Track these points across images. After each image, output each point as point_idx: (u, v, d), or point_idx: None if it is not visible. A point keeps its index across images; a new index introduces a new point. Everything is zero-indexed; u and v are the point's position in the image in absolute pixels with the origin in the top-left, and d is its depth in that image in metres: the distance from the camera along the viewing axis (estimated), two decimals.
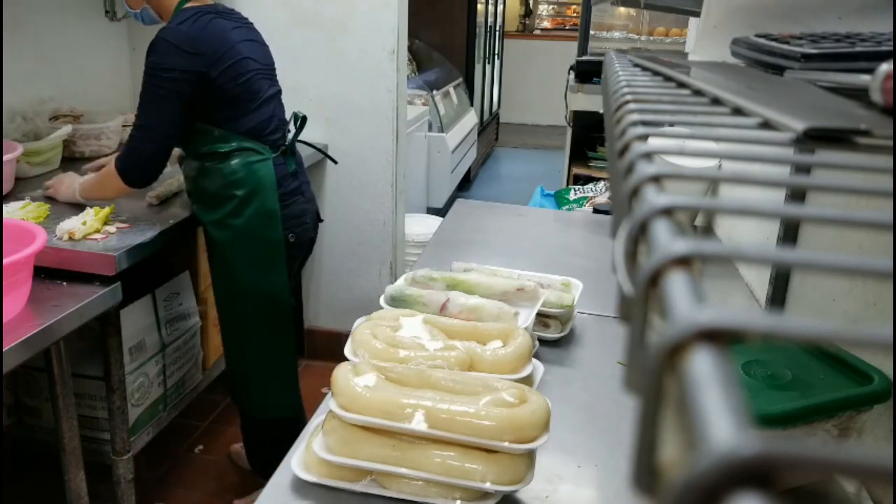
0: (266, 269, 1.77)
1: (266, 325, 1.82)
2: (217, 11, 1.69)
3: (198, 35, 1.60)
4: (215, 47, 1.62)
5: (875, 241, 0.95)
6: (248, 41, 1.72)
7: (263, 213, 1.72)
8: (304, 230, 1.84)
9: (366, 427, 0.85)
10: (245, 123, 1.70)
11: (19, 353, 1.26)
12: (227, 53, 1.64)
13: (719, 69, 0.67)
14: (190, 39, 1.58)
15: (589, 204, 2.73)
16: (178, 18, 1.61)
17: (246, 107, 1.69)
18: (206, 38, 1.61)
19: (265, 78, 1.76)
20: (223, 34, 1.65)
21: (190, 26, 1.60)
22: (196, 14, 1.62)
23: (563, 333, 1.28)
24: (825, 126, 0.31)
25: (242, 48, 1.68)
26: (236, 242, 1.73)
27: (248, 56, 1.70)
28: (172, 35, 1.59)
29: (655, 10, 3.82)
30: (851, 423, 0.85)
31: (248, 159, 1.70)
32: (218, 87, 1.63)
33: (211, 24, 1.63)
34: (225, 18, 1.69)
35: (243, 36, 1.71)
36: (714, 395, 0.15)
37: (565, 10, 8.80)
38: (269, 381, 1.86)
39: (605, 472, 0.96)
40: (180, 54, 1.57)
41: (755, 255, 0.21)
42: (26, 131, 2.08)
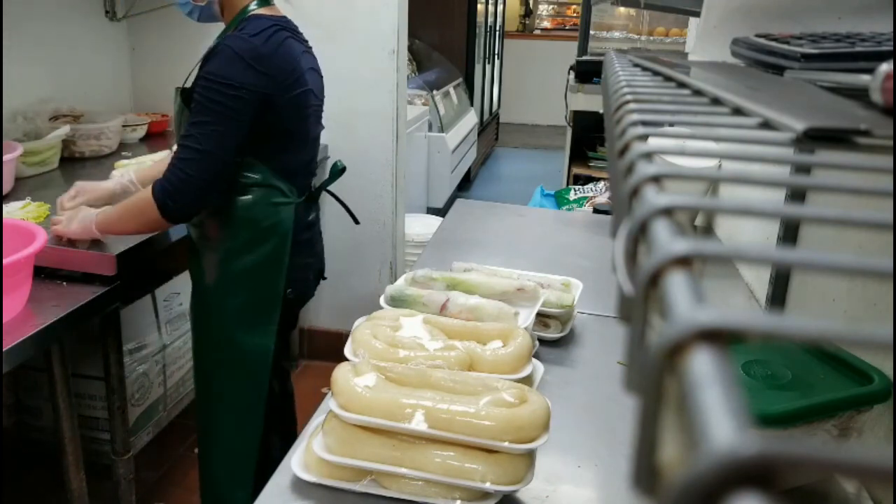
0: (253, 325, 1.52)
1: (233, 396, 1.56)
2: (290, 29, 1.49)
3: (270, 54, 1.38)
4: (286, 72, 1.42)
5: (875, 241, 0.95)
6: (312, 70, 1.54)
7: (270, 262, 1.50)
8: (305, 287, 1.63)
9: (366, 427, 0.85)
10: (283, 161, 1.49)
11: (19, 353, 1.26)
12: (297, 82, 1.45)
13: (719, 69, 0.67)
14: (261, 57, 1.36)
15: (589, 204, 2.73)
16: (250, 29, 1.39)
17: (291, 144, 1.50)
18: (278, 59, 1.40)
19: (317, 116, 1.58)
20: (295, 59, 1.45)
21: (263, 42, 1.38)
22: (271, 29, 1.41)
23: (563, 333, 1.28)
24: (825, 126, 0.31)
25: (308, 78, 1.49)
26: (228, 287, 1.51)
27: (312, 89, 1.52)
28: (242, 46, 1.35)
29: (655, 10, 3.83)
30: (851, 423, 0.85)
31: (271, 199, 1.48)
32: (275, 116, 1.42)
33: (285, 45, 1.42)
34: (295, 39, 1.50)
35: (309, 64, 1.53)
36: (714, 395, 0.15)
37: (565, 10, 8.81)
38: (223, 469, 1.61)
39: (605, 472, 0.96)
40: (248, 70, 1.35)
41: (755, 255, 0.21)
42: (27, 131, 2.08)
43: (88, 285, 1.49)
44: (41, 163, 2.03)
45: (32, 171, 2.00)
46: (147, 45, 2.70)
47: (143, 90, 2.75)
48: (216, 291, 1.52)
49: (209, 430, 1.60)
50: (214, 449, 1.61)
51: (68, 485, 1.53)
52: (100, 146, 2.25)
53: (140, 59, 2.72)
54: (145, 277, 1.66)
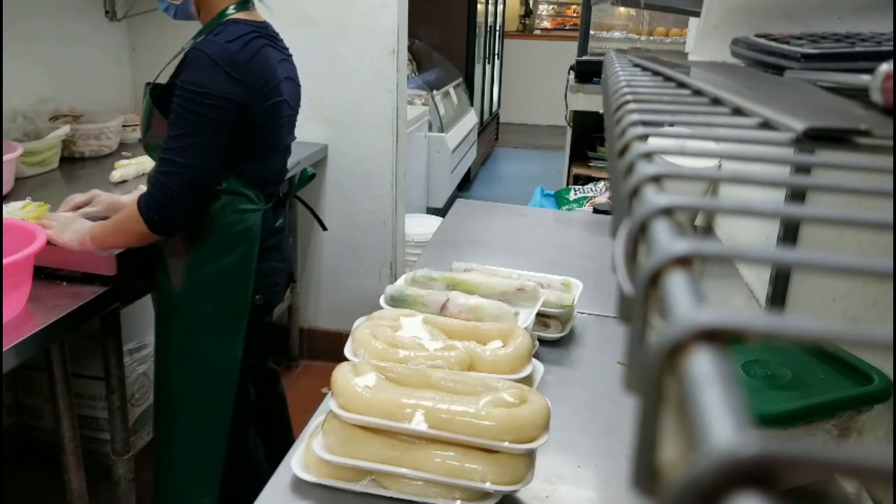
0: (220, 333, 1.50)
1: (197, 403, 1.53)
2: (268, 36, 1.47)
3: (246, 62, 1.36)
4: (262, 81, 1.40)
5: (875, 241, 0.95)
6: (288, 79, 1.52)
7: (237, 269, 1.48)
8: (273, 292, 1.59)
9: (366, 427, 0.85)
10: (255, 169, 1.48)
11: (19, 353, 1.26)
12: (272, 91, 1.43)
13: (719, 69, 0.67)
14: (236, 63, 1.34)
15: (589, 204, 2.73)
16: (226, 34, 1.36)
17: (260, 153, 1.48)
18: (254, 67, 1.38)
19: (290, 126, 1.57)
20: (271, 66, 1.43)
21: (240, 49, 1.35)
22: (248, 35, 1.39)
23: (563, 333, 1.28)
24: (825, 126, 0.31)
25: (284, 88, 1.47)
26: (196, 294, 1.49)
27: (287, 99, 1.50)
28: (216, 52, 1.33)
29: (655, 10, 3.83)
30: (851, 423, 0.85)
31: (238, 206, 1.47)
32: (249, 124, 1.40)
33: (262, 52, 1.40)
34: (273, 47, 1.47)
35: (286, 73, 1.51)
36: (714, 395, 0.15)
37: (565, 10, 8.81)
38: (186, 471, 1.58)
39: (605, 472, 0.96)
40: (225, 77, 1.33)
41: (755, 255, 0.21)
42: (27, 131, 2.08)
43: (88, 285, 1.48)
44: (41, 163, 2.03)
45: (32, 171, 2.00)
46: (147, 45, 2.70)
47: (142, 90, 2.75)
48: (183, 298, 1.50)
49: (172, 437, 1.57)
50: (178, 457, 1.57)
51: (68, 485, 1.52)
52: (100, 146, 2.25)
53: (140, 59, 2.72)
54: (145, 277, 1.65)
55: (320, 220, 1.99)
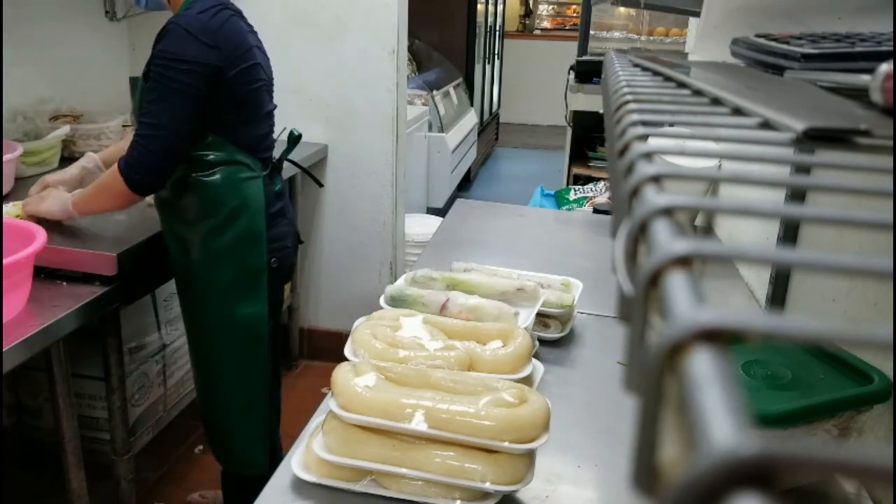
0: (244, 297, 1.59)
1: (238, 364, 1.62)
2: (234, 10, 1.56)
3: (217, 29, 1.45)
4: (234, 45, 1.49)
5: (875, 241, 0.95)
6: (259, 49, 1.61)
7: (248, 235, 1.56)
8: (285, 255, 1.68)
9: (366, 427, 0.85)
10: (244, 134, 1.56)
11: (19, 353, 1.26)
12: (244, 55, 1.51)
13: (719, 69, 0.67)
14: (208, 31, 1.44)
15: (589, 204, 2.73)
16: (196, 7, 1.47)
17: (249, 116, 1.56)
18: (225, 33, 1.47)
19: (268, 92, 1.65)
20: (241, 34, 1.53)
21: (210, 18, 1.45)
22: (215, 7, 1.49)
23: (563, 333, 1.28)
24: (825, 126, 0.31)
25: (256, 54, 1.57)
26: (213, 266, 1.56)
27: (261, 64, 1.59)
28: (190, 23, 1.43)
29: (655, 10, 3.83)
30: (851, 423, 0.85)
31: (238, 174, 1.55)
32: (229, 89, 1.49)
33: (230, 21, 1.50)
34: (241, 19, 1.58)
35: (255, 42, 1.60)
36: (714, 395, 0.15)
37: (565, 10, 8.81)
38: (238, 431, 1.67)
39: (605, 472, 0.96)
40: (198, 44, 1.42)
41: (755, 255, 0.21)
42: (27, 131, 2.08)
43: (88, 285, 1.49)
44: (41, 163, 2.03)
45: (32, 171, 2.00)
46: (147, 45, 2.67)
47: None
48: (201, 267, 1.56)
49: (216, 396, 1.66)
50: (226, 414, 1.67)
51: (68, 485, 1.52)
52: (100, 146, 2.25)
53: (140, 59, 2.72)
54: (145, 277, 1.65)
55: (316, 178, 2.15)
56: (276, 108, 1.71)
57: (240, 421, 1.67)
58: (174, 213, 1.58)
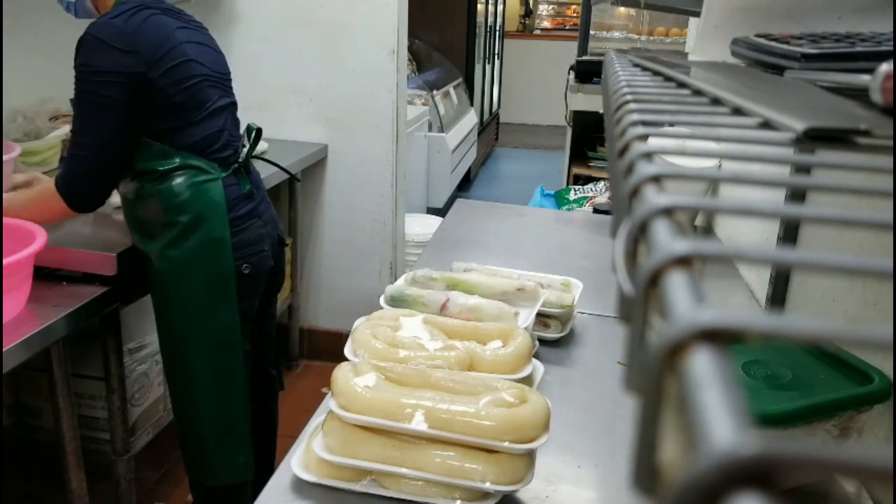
0: (214, 305, 1.52)
1: (212, 373, 1.55)
2: (161, 8, 1.47)
3: (133, 31, 1.37)
4: (154, 45, 1.40)
5: (875, 241, 0.95)
6: (195, 43, 1.51)
7: (210, 242, 1.48)
8: (260, 259, 1.59)
9: (366, 427, 0.85)
10: (189, 136, 1.47)
11: (19, 353, 1.26)
12: (169, 53, 1.42)
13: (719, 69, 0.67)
14: (122, 35, 1.36)
15: (589, 204, 2.73)
16: (112, 12, 1.39)
17: (190, 117, 1.47)
18: (143, 35, 1.38)
19: (215, 87, 1.53)
20: (164, 32, 1.43)
21: (124, 22, 1.37)
22: (133, 9, 1.40)
23: (563, 333, 1.28)
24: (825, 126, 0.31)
25: (188, 49, 1.47)
26: (178, 276, 1.49)
27: (195, 59, 1.48)
28: (101, 30, 1.36)
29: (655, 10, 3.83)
30: (851, 423, 0.85)
31: (193, 179, 1.47)
32: (157, 92, 1.41)
33: (149, 21, 1.41)
34: (169, 16, 1.47)
35: (190, 37, 1.50)
36: (714, 395, 0.15)
37: (565, 10, 8.81)
38: (216, 441, 1.59)
39: (605, 472, 0.96)
40: (111, 52, 1.35)
41: (755, 255, 0.21)
42: (27, 131, 2.08)
43: (88, 285, 1.49)
44: (41, 163, 2.03)
45: (33, 171, 2.00)
46: None
47: None
48: (169, 277, 1.50)
49: (195, 411, 1.58)
50: (206, 430, 1.59)
51: (68, 485, 1.52)
52: None
53: None
54: (145, 277, 1.65)
55: (289, 173, 2.14)
56: (232, 102, 1.61)
57: (216, 433, 1.58)
58: (136, 226, 1.53)
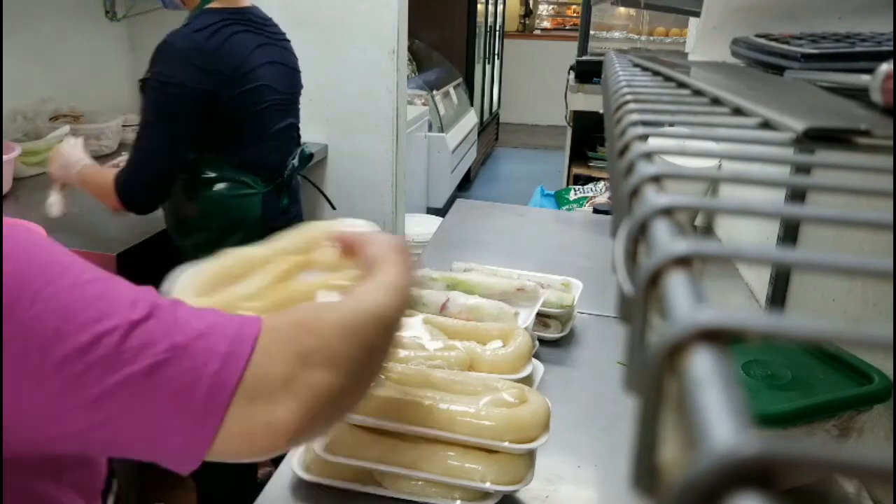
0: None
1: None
2: (245, 21, 1.49)
3: (213, 50, 1.39)
4: (231, 68, 1.41)
5: (875, 241, 0.95)
6: (271, 64, 1.53)
7: None
8: None
9: (366, 427, 0.85)
10: (243, 154, 1.51)
11: None
12: (244, 77, 1.44)
13: (719, 69, 0.67)
14: (202, 53, 1.38)
15: (589, 204, 2.73)
16: (196, 23, 1.41)
17: (249, 138, 1.50)
18: (223, 55, 1.40)
19: (280, 110, 1.57)
20: (244, 54, 1.45)
21: (206, 39, 1.38)
22: (217, 24, 1.41)
23: (563, 333, 1.28)
24: (825, 126, 0.31)
25: (263, 73, 1.49)
26: None
27: (268, 83, 1.51)
28: (184, 42, 1.38)
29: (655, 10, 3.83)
30: (851, 423, 0.85)
31: (235, 191, 1.51)
32: (225, 111, 1.43)
33: (231, 40, 1.42)
34: (253, 32, 1.50)
35: (268, 57, 1.53)
36: (714, 395, 0.15)
37: (565, 10, 8.80)
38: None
39: (605, 472, 0.96)
40: (189, 67, 1.37)
41: (755, 255, 0.21)
42: (27, 131, 2.08)
43: None
44: (41, 163, 2.03)
45: (32, 171, 2.00)
46: (147, 45, 2.68)
47: None
48: None
49: None
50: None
51: None
52: (100, 146, 2.25)
53: (140, 59, 2.72)
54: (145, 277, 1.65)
55: (329, 200, 2.10)
56: (292, 123, 1.64)
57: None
58: (173, 218, 1.57)
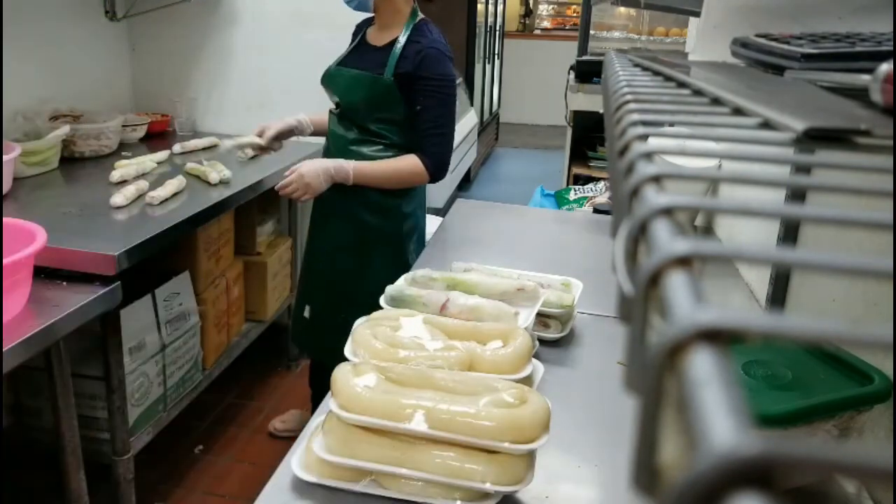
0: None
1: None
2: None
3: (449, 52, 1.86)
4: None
5: (875, 241, 0.95)
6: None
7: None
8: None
9: (366, 427, 0.85)
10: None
11: (19, 353, 1.26)
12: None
13: (719, 69, 0.67)
14: (450, 53, 1.84)
15: (589, 204, 2.73)
16: (434, 33, 1.83)
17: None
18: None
19: None
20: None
21: (446, 42, 1.84)
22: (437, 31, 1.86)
23: (563, 333, 1.28)
24: (825, 126, 0.31)
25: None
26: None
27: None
28: (446, 49, 1.82)
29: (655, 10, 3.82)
30: (851, 423, 0.85)
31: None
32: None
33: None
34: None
35: None
36: (714, 395, 0.15)
37: (565, 10, 8.80)
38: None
39: (605, 471, 0.96)
40: (451, 65, 1.83)
41: (755, 255, 0.21)
42: (27, 131, 2.08)
43: (88, 285, 1.48)
44: (41, 163, 2.03)
45: (32, 171, 2.00)
46: (147, 45, 2.70)
47: (143, 90, 2.75)
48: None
49: (330, 320, 1.96)
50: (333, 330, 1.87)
51: (68, 485, 1.52)
52: (100, 146, 2.25)
53: (140, 59, 2.72)
54: (145, 277, 1.65)
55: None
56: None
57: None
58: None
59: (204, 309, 2.15)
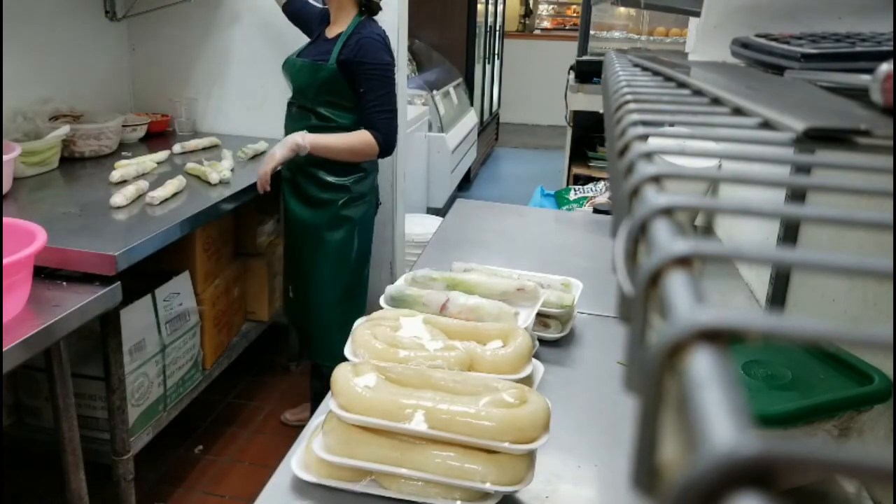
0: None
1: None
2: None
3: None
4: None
5: (875, 241, 0.95)
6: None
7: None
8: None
9: (366, 427, 0.85)
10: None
11: (19, 353, 1.26)
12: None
13: (719, 69, 0.67)
14: (387, 42, 2.02)
15: (589, 204, 2.73)
16: (374, 27, 2.01)
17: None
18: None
19: None
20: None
21: (385, 35, 2.02)
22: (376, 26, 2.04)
23: (563, 333, 1.28)
24: (825, 126, 0.31)
25: None
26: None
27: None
28: (382, 39, 1.99)
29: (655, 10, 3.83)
30: (851, 423, 0.85)
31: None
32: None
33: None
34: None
35: None
36: (714, 395, 0.15)
37: (565, 10, 8.80)
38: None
39: (605, 471, 0.96)
40: (387, 53, 2.00)
41: (755, 255, 0.21)
42: (27, 131, 2.08)
43: (88, 285, 1.48)
44: (41, 163, 2.03)
45: (32, 171, 2.00)
46: (147, 45, 2.70)
47: (142, 90, 2.75)
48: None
49: (330, 322, 2.15)
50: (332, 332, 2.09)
51: (68, 485, 1.52)
52: (100, 146, 2.25)
53: (140, 59, 2.72)
54: (145, 277, 1.65)
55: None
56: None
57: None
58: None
59: (204, 309, 2.15)
